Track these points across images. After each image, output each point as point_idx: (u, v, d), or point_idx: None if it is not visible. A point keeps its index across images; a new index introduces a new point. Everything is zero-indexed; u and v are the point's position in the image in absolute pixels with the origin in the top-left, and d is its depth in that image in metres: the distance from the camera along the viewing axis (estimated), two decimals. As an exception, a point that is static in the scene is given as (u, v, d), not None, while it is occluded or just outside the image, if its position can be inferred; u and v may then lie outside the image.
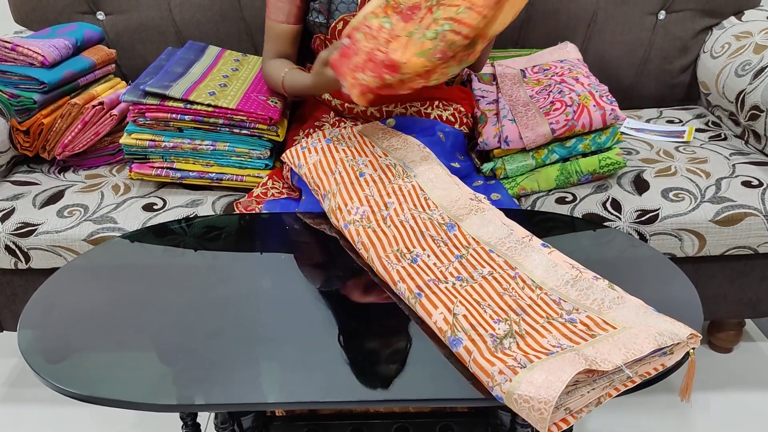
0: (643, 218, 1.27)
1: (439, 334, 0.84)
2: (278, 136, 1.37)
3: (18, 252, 1.31)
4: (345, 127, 1.34)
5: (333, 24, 1.33)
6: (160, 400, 0.79)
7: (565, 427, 0.72)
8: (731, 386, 1.51)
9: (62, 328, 0.92)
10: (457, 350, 0.80)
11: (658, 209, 1.28)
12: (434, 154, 1.24)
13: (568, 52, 1.62)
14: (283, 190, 1.35)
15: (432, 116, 1.40)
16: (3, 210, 1.34)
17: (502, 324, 0.84)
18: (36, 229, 1.30)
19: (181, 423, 1.05)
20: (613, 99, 1.33)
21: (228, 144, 1.35)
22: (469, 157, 1.43)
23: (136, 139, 1.35)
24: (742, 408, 1.45)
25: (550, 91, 1.41)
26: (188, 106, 1.32)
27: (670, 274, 0.99)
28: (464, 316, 0.85)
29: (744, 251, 1.31)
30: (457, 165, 1.33)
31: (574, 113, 1.30)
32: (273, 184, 1.35)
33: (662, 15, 1.71)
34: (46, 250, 1.30)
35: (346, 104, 1.40)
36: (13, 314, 1.43)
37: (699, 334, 0.80)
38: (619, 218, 1.28)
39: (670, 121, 1.66)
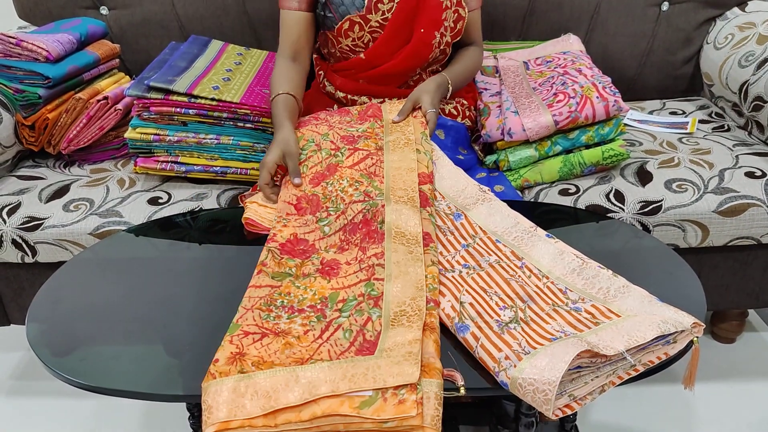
0: (646, 209, 1.27)
1: (446, 320, 0.85)
2: (282, 129, 1.38)
3: (24, 246, 1.32)
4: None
5: (339, 24, 1.33)
6: (166, 390, 0.80)
7: (569, 412, 0.73)
8: (734, 376, 1.51)
9: (69, 320, 0.93)
10: (464, 336, 0.81)
11: (662, 200, 1.28)
12: (438, 146, 1.24)
13: (571, 43, 1.62)
14: (287, 184, 1.36)
15: (435, 109, 1.41)
16: (9, 204, 1.34)
17: (508, 311, 0.85)
18: (42, 223, 1.31)
19: (188, 414, 1.06)
20: (617, 90, 1.33)
21: (232, 137, 1.35)
22: (473, 149, 1.43)
23: (141, 133, 1.35)
24: (745, 398, 1.45)
25: (553, 83, 1.41)
26: (192, 100, 1.32)
27: (673, 264, 0.99)
28: (471, 304, 0.86)
29: (747, 242, 1.31)
30: (460, 158, 1.33)
31: (577, 105, 1.30)
32: (278, 176, 1.36)
33: (665, 6, 1.71)
34: (53, 244, 1.31)
35: (349, 96, 1.40)
36: (20, 308, 1.44)
37: (702, 323, 0.80)
38: (623, 209, 1.28)
39: (674, 113, 1.66)
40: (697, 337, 0.80)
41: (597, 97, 1.31)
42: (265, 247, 0.99)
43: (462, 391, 0.75)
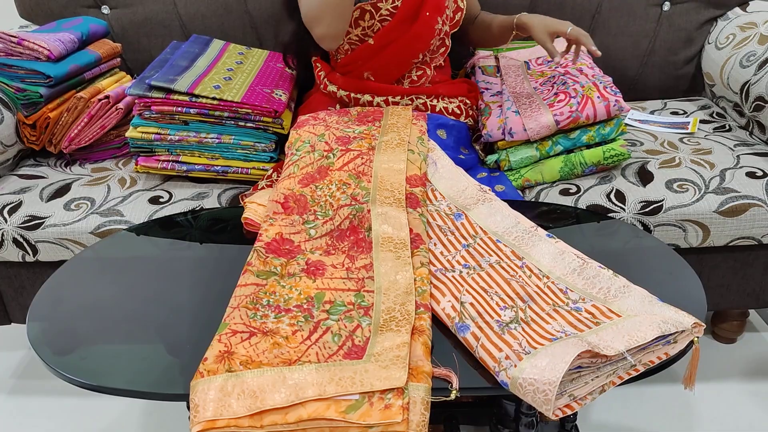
0: (647, 209, 1.27)
1: (446, 320, 0.85)
2: (283, 128, 1.38)
3: (25, 245, 1.32)
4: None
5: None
6: (167, 389, 0.80)
7: (569, 412, 0.73)
8: (735, 377, 1.51)
9: (70, 319, 0.93)
10: (464, 335, 0.81)
11: (663, 200, 1.28)
12: (440, 146, 1.25)
13: (572, 43, 1.62)
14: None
15: (437, 108, 1.41)
16: (10, 203, 1.34)
17: (509, 311, 0.85)
18: (43, 222, 1.31)
19: (188, 413, 1.06)
20: (618, 90, 1.33)
21: (233, 137, 1.35)
22: (474, 149, 1.43)
23: (142, 132, 1.36)
24: (745, 398, 1.45)
25: (554, 83, 1.41)
26: (193, 99, 1.32)
27: (674, 265, 0.99)
28: (471, 304, 0.86)
29: (748, 242, 1.31)
30: (461, 157, 1.33)
31: (578, 104, 1.30)
32: (278, 176, 1.36)
33: (667, 6, 1.71)
34: (54, 243, 1.31)
35: (352, 95, 1.40)
36: (21, 306, 1.44)
37: (703, 323, 0.80)
38: (624, 209, 1.28)
39: (675, 113, 1.66)
40: (697, 337, 0.80)
41: (598, 97, 1.31)
42: (253, 248, 1.00)
43: (453, 395, 0.75)
